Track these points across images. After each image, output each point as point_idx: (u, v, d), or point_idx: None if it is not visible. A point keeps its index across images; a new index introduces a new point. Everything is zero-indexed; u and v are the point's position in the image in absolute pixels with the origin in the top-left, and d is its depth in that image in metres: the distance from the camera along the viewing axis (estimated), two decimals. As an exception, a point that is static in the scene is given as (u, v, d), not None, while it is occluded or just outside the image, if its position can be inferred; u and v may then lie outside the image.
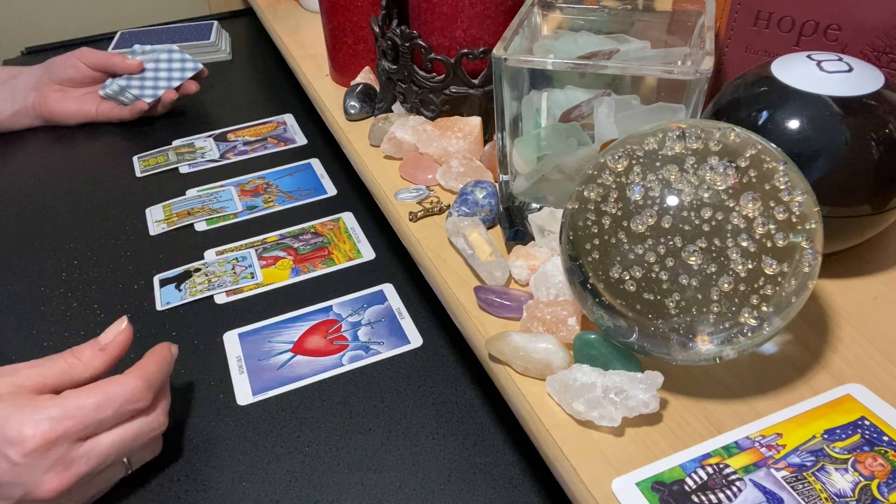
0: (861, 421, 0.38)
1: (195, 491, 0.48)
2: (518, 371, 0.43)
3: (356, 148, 0.67)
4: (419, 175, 0.61)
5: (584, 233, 0.38)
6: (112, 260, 0.70)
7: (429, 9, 0.61)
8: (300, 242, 0.70)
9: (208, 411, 0.54)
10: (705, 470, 0.36)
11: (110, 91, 0.89)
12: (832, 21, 0.51)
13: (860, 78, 0.44)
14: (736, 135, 0.37)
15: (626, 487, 0.36)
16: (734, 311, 0.35)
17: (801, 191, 0.36)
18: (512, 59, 0.47)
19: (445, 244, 0.54)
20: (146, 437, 0.45)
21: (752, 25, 0.55)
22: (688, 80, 0.44)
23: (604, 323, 0.40)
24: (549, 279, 0.46)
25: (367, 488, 0.48)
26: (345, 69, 0.76)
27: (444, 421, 0.52)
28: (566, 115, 0.50)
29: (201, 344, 0.60)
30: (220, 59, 1.10)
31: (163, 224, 0.74)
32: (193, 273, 0.67)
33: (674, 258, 0.35)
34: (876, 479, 0.35)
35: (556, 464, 0.39)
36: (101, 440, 0.43)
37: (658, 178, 0.36)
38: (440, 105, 0.63)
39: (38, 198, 0.80)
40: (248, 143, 0.88)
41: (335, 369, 0.56)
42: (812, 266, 0.36)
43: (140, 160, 0.86)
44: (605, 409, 0.39)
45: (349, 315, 0.62)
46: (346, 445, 0.51)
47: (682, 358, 0.39)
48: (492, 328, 0.46)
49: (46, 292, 0.66)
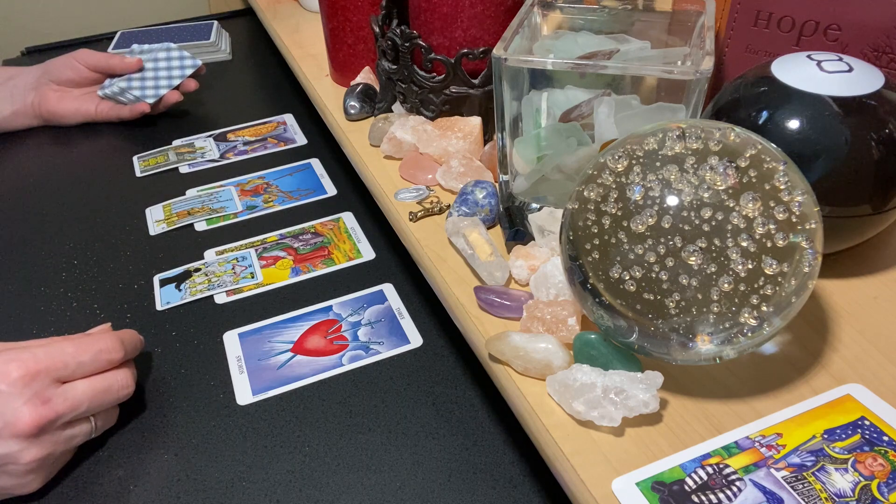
0: (861, 421, 0.38)
1: (195, 491, 0.48)
2: (518, 371, 0.43)
3: (356, 148, 0.67)
4: (419, 175, 0.61)
5: (584, 233, 0.38)
6: (112, 260, 0.70)
7: (429, 9, 0.61)
8: (300, 242, 0.70)
9: (208, 411, 0.54)
10: (705, 470, 0.36)
11: (110, 91, 0.89)
12: (832, 21, 0.51)
13: (860, 78, 0.44)
14: (736, 135, 0.37)
15: (626, 487, 0.36)
16: (734, 311, 0.35)
17: (801, 191, 0.36)
18: (512, 59, 0.47)
19: (445, 244, 0.54)
20: (115, 395, 0.49)
21: (752, 25, 0.55)
22: (688, 80, 0.44)
23: (604, 323, 0.40)
24: (549, 279, 0.46)
25: (367, 488, 0.48)
26: (345, 69, 0.76)
27: (444, 421, 0.52)
28: (566, 115, 0.50)
29: (201, 344, 0.60)
30: (220, 59, 1.10)
31: (163, 224, 0.74)
32: (193, 273, 0.67)
33: (674, 258, 0.35)
34: (876, 479, 0.35)
35: (556, 464, 0.39)
36: (77, 385, 0.47)
37: (658, 178, 0.36)
38: (440, 105, 0.63)
39: (38, 198, 0.80)
40: (247, 143, 0.88)
41: (335, 369, 0.56)
42: (812, 266, 0.36)
43: (140, 160, 0.86)
44: (605, 409, 0.39)
45: (349, 315, 0.62)
46: (346, 445, 0.51)
47: (682, 358, 0.39)
48: (492, 328, 0.46)
49: (46, 292, 0.66)
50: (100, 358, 0.49)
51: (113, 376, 0.49)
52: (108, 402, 0.50)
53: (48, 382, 0.46)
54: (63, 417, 0.46)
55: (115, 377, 0.50)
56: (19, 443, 0.44)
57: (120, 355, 0.50)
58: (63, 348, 0.47)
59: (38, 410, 0.45)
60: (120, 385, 0.50)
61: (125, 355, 0.51)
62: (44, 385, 0.46)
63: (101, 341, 0.49)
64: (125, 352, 0.51)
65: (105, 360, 0.49)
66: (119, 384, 0.50)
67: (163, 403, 0.54)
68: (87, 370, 0.48)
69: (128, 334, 0.52)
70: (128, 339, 0.52)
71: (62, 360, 0.47)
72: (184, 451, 0.51)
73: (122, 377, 0.50)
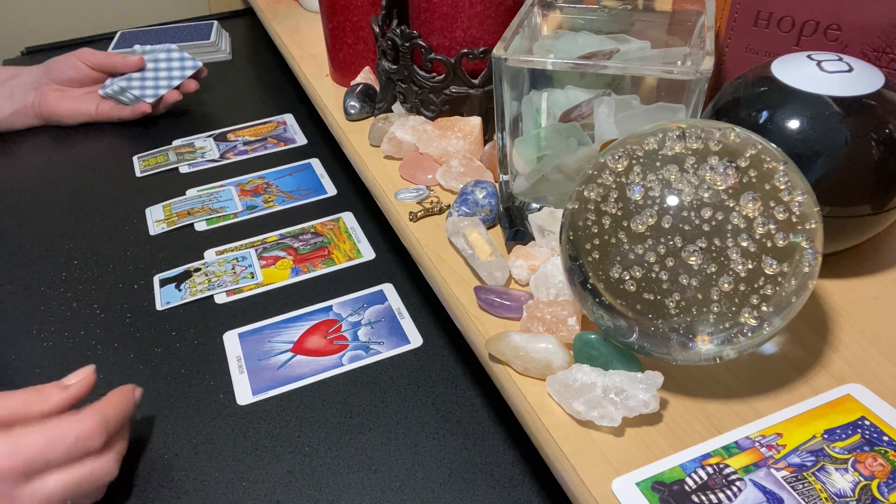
0: (861, 421, 0.38)
1: (195, 491, 0.48)
2: (518, 371, 0.43)
3: (356, 148, 0.67)
4: (419, 175, 0.61)
5: (584, 233, 0.38)
6: (112, 260, 0.70)
7: (429, 9, 0.61)
8: (300, 242, 0.70)
9: (208, 411, 0.54)
10: (705, 470, 0.36)
11: (110, 91, 0.89)
12: (832, 21, 0.51)
13: (860, 78, 0.44)
14: (736, 135, 0.37)
15: (626, 487, 0.36)
16: (734, 311, 0.35)
17: (801, 191, 0.36)
18: (512, 59, 0.47)
19: (445, 244, 0.54)
20: (93, 484, 0.44)
21: (752, 25, 0.55)
22: (688, 80, 0.44)
23: (604, 323, 0.40)
24: (549, 279, 0.46)
25: (367, 488, 0.48)
26: (345, 69, 0.76)
27: (444, 421, 0.52)
28: (566, 115, 0.50)
29: (201, 344, 0.60)
30: (220, 59, 1.10)
31: (163, 224, 0.74)
32: (193, 273, 0.67)
33: (674, 258, 0.35)
34: (876, 479, 0.35)
35: (556, 464, 0.39)
36: (47, 482, 0.42)
37: (658, 178, 0.36)
38: (440, 105, 0.63)
39: (38, 198, 0.80)
40: (248, 143, 0.88)
41: (335, 369, 0.56)
42: (812, 266, 0.36)
43: (140, 160, 0.86)
44: (605, 409, 0.39)
45: (349, 315, 0.62)
46: (346, 445, 0.51)
47: (682, 358, 0.39)
48: (492, 328, 0.46)
49: (46, 292, 0.66)
50: (76, 448, 0.43)
51: (91, 464, 0.44)
52: (86, 492, 0.44)
53: (12, 483, 0.41)
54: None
55: (93, 465, 0.44)
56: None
57: (100, 442, 0.44)
58: (31, 441, 0.42)
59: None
60: (101, 473, 0.44)
61: (107, 438, 0.45)
62: (7, 487, 0.41)
63: (78, 426, 0.43)
64: (108, 433, 0.45)
65: (83, 449, 0.43)
66: (99, 472, 0.44)
67: (163, 403, 0.54)
68: (60, 463, 0.43)
69: (112, 408, 0.46)
70: (113, 415, 0.45)
71: (30, 458, 0.41)
72: (184, 451, 0.51)
73: (102, 464, 0.44)
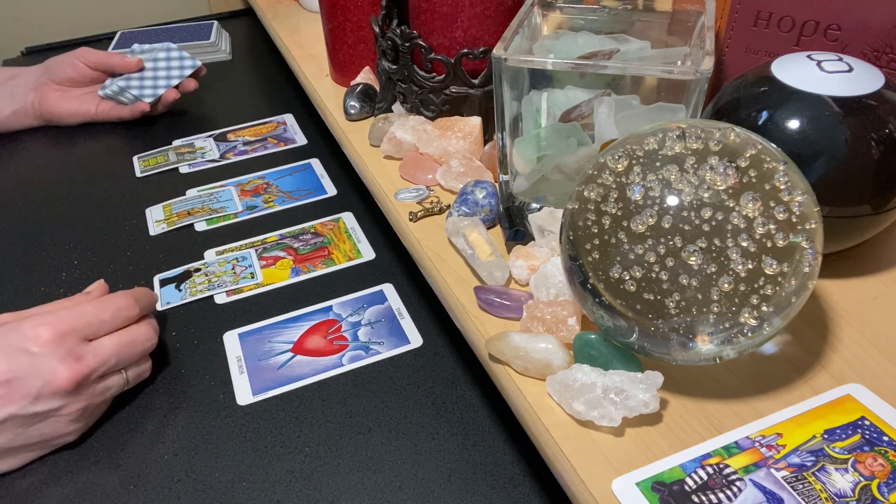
0: (861, 421, 0.38)
1: (195, 491, 0.48)
2: (518, 371, 0.43)
3: (356, 148, 0.67)
4: (419, 175, 0.61)
5: (584, 233, 0.38)
6: (112, 260, 0.70)
7: (429, 9, 0.61)
8: (300, 242, 0.70)
9: (208, 411, 0.54)
10: (705, 470, 0.36)
11: (110, 91, 0.89)
12: (832, 21, 0.51)
13: (860, 78, 0.44)
14: (736, 135, 0.37)
15: (626, 487, 0.36)
16: (734, 311, 0.35)
17: (801, 191, 0.36)
18: (512, 59, 0.47)
19: (445, 244, 0.54)
20: (140, 347, 0.53)
21: (752, 25, 0.55)
22: (688, 80, 0.44)
23: (604, 323, 0.40)
24: (549, 279, 0.46)
25: (367, 488, 0.48)
26: (345, 69, 0.76)
27: (444, 421, 0.52)
28: (566, 115, 0.50)
29: (201, 344, 0.60)
30: (220, 59, 1.10)
31: (163, 224, 0.74)
32: (193, 273, 0.67)
33: (674, 258, 0.35)
34: (876, 479, 0.35)
35: (556, 464, 0.39)
36: (103, 341, 0.51)
37: (658, 178, 0.36)
38: (440, 105, 0.63)
39: (38, 198, 0.80)
40: (248, 143, 0.88)
41: (335, 369, 0.56)
42: (812, 266, 0.36)
43: (140, 160, 0.86)
44: (605, 409, 0.39)
45: (349, 315, 0.62)
46: (346, 445, 0.51)
47: (682, 358, 0.39)
48: (492, 328, 0.46)
49: (46, 292, 0.66)
50: (119, 315, 0.52)
51: (136, 330, 0.53)
52: (135, 355, 0.53)
53: (77, 341, 0.49)
54: (96, 372, 0.49)
55: (137, 331, 0.53)
56: (60, 399, 0.48)
57: (136, 311, 0.53)
58: (84, 309, 0.50)
59: (73, 367, 0.48)
60: (143, 338, 0.53)
61: (141, 311, 0.54)
62: (74, 343, 0.49)
63: (116, 300, 0.52)
64: (140, 307, 0.54)
65: (124, 317, 0.52)
66: (142, 337, 0.53)
67: (163, 403, 0.54)
68: (109, 327, 0.51)
69: (140, 291, 0.55)
70: (141, 296, 0.55)
71: (86, 320, 0.50)
72: (184, 451, 0.51)
73: (143, 330, 0.53)
